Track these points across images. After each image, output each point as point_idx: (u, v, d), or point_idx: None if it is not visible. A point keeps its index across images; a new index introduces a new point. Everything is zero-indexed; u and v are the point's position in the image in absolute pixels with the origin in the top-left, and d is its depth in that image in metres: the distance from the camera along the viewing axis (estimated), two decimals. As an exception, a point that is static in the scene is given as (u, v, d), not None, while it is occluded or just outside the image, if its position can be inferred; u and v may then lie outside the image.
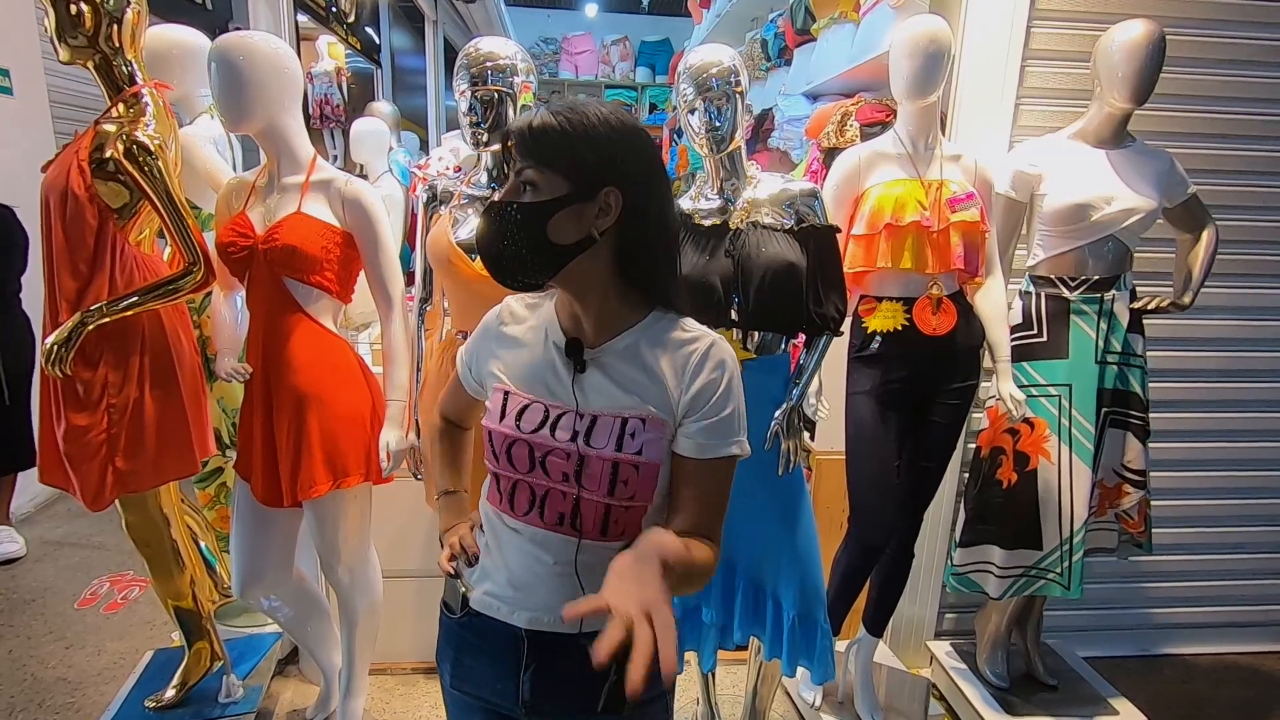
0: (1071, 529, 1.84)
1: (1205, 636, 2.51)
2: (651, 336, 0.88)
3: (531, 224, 0.81)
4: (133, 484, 1.59)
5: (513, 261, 0.84)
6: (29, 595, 2.63)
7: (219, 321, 1.75)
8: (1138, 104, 1.72)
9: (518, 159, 0.82)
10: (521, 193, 0.82)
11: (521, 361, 0.91)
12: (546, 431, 0.87)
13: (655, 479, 0.87)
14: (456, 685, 0.98)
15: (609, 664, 0.87)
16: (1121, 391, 1.87)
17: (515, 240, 0.82)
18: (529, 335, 0.92)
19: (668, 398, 0.86)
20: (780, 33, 3.22)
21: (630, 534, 0.89)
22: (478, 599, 0.94)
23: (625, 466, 0.85)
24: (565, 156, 0.80)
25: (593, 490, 0.86)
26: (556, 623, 0.89)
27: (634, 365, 0.87)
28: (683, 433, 0.87)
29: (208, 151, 1.93)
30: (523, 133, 0.82)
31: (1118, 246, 1.80)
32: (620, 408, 0.86)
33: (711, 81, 1.43)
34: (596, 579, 0.86)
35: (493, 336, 0.95)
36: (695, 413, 0.86)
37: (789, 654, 1.57)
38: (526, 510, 0.89)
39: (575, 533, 0.88)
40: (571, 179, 0.81)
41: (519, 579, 0.91)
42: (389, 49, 5.88)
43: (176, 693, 1.83)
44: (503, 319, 0.96)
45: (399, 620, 2.12)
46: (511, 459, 0.89)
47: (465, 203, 1.59)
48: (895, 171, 1.70)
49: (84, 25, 1.47)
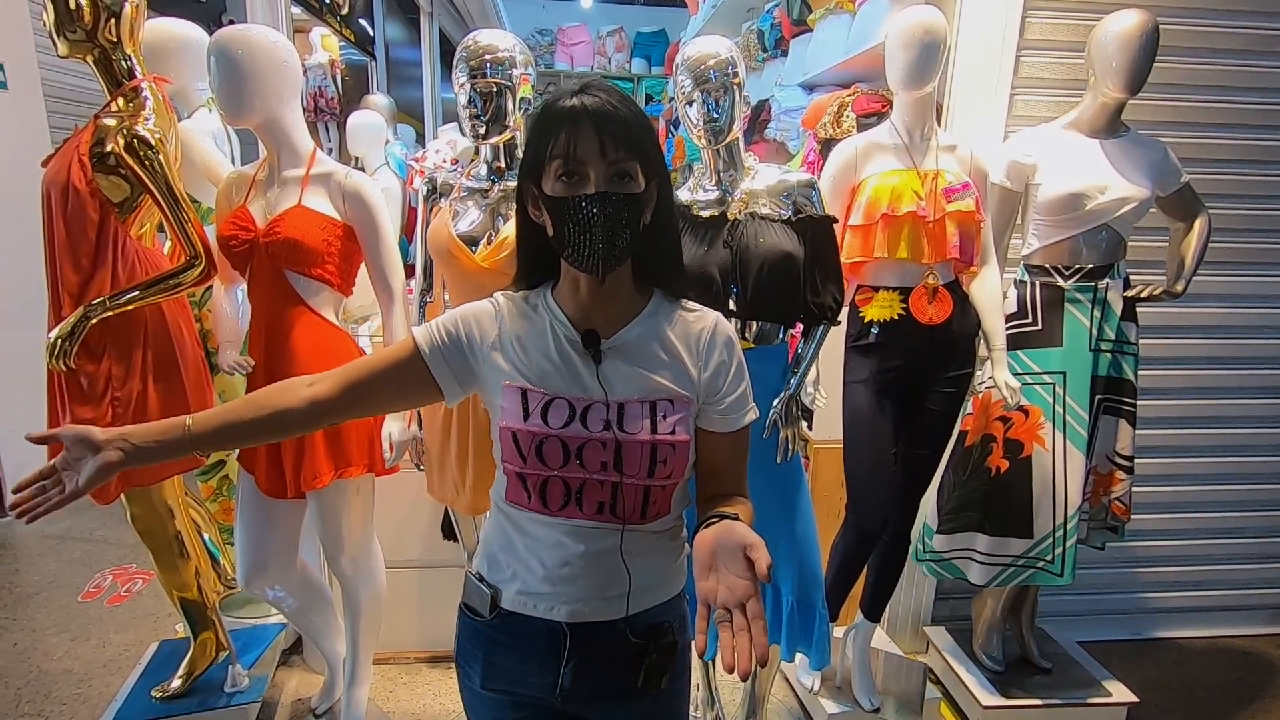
0: (1065, 515, 1.87)
1: (1197, 620, 2.55)
2: (660, 320, 0.92)
3: (634, 213, 0.84)
4: (138, 478, 1.60)
5: (621, 252, 0.85)
6: (33, 589, 2.64)
7: (220, 315, 1.75)
8: (1131, 94, 1.74)
9: (612, 149, 0.81)
10: (623, 183, 0.83)
11: (534, 358, 0.90)
12: (578, 424, 0.87)
13: (689, 454, 0.90)
14: (489, 684, 0.97)
15: (647, 644, 0.92)
16: (1115, 379, 1.89)
17: (625, 230, 0.84)
18: (533, 331, 0.91)
19: (687, 376, 0.90)
20: (776, 23, 3.22)
21: (663, 511, 0.92)
22: (511, 599, 0.93)
23: (663, 446, 0.87)
24: (650, 148, 0.85)
25: (633, 474, 0.87)
26: (599, 611, 0.91)
27: (651, 349, 0.90)
28: (711, 412, 0.92)
29: (206, 145, 1.94)
30: (618, 124, 0.81)
31: (1111, 235, 1.82)
32: (646, 391, 0.88)
33: (709, 73, 1.44)
34: (638, 562, 0.91)
35: (493, 328, 0.91)
36: (717, 392, 0.91)
37: (788, 640, 1.60)
38: (563, 504, 0.89)
39: (615, 519, 0.89)
40: (647, 170, 0.85)
41: (556, 574, 0.91)
42: (383, 41, 5.84)
43: (182, 683, 1.85)
44: (503, 309, 0.92)
45: (402, 610, 2.15)
46: (543, 456, 0.87)
47: (465, 195, 1.60)
48: (891, 162, 1.72)
49: (83, 20, 1.47)
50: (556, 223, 0.84)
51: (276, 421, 0.90)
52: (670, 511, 0.94)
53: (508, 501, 0.93)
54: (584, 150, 0.81)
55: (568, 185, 0.82)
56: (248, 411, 0.91)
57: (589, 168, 0.82)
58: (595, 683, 0.94)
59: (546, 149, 0.82)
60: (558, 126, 0.81)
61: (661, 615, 0.95)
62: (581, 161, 0.81)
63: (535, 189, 0.86)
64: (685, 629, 1.00)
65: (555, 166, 0.82)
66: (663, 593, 0.96)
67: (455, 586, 1.03)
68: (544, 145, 0.83)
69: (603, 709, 0.97)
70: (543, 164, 0.84)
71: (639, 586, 0.92)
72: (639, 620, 0.93)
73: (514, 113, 1.53)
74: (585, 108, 0.81)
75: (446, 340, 0.90)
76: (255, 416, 0.90)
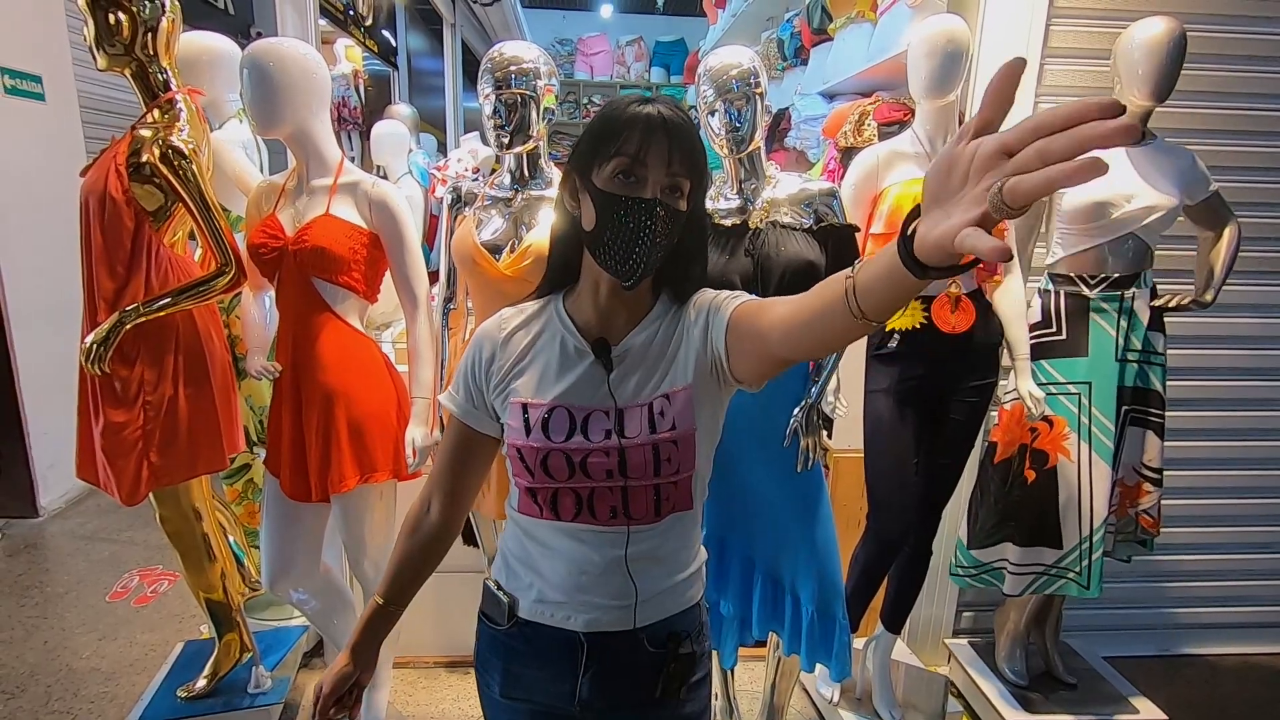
0: (1091, 527, 1.84)
1: (1227, 637, 2.49)
2: (665, 320, 0.91)
3: (675, 226, 0.85)
4: (167, 478, 1.64)
5: (655, 259, 0.85)
6: (62, 589, 2.70)
7: (249, 321, 1.78)
8: (1158, 101, 1.72)
9: (676, 165, 0.82)
10: (676, 196, 0.84)
11: (538, 369, 0.90)
12: (580, 436, 0.87)
13: (694, 444, 0.88)
14: (508, 693, 0.97)
15: (665, 653, 0.91)
16: (1142, 389, 1.86)
17: (665, 238, 0.84)
18: (542, 341, 0.91)
19: (686, 358, 0.88)
20: (796, 32, 3.23)
21: (680, 506, 0.90)
22: (528, 608, 0.93)
23: (665, 445, 0.86)
24: (701, 171, 0.85)
25: (639, 477, 0.87)
26: (615, 620, 0.91)
27: (657, 350, 0.89)
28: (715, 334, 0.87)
29: (237, 155, 1.98)
30: (686, 144, 0.82)
31: (1138, 244, 1.80)
32: (645, 395, 0.88)
33: (732, 83, 1.45)
34: (646, 570, 0.90)
35: (496, 351, 0.92)
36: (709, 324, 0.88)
37: (807, 650, 1.59)
38: (574, 514, 0.89)
39: (628, 521, 0.89)
40: (693, 192, 0.86)
41: (571, 583, 0.91)
42: (405, 51, 5.94)
43: (207, 683, 1.88)
44: (507, 328, 0.93)
45: (421, 615, 2.16)
46: (549, 470, 0.87)
47: (488, 204, 1.62)
48: (914, 170, 1.71)
49: (122, 34, 1.51)
50: (602, 217, 0.83)
51: (434, 551, 1.01)
52: (690, 506, 0.92)
53: (521, 512, 0.93)
54: (653, 157, 0.81)
55: (624, 185, 0.82)
56: (415, 560, 1.01)
57: (650, 173, 0.82)
58: (613, 693, 0.93)
59: (612, 146, 0.81)
60: (630, 127, 0.81)
61: (678, 624, 0.94)
62: (646, 166, 0.81)
63: (581, 179, 0.86)
64: (704, 638, 0.99)
65: (616, 164, 0.82)
66: (676, 601, 0.95)
67: (475, 592, 1.03)
68: (609, 142, 0.82)
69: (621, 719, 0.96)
70: (599, 159, 0.83)
71: (649, 594, 0.91)
72: (655, 629, 0.93)
73: (538, 123, 1.55)
74: (662, 117, 0.81)
75: (469, 395, 0.94)
76: (424, 560, 1.01)
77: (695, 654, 0.95)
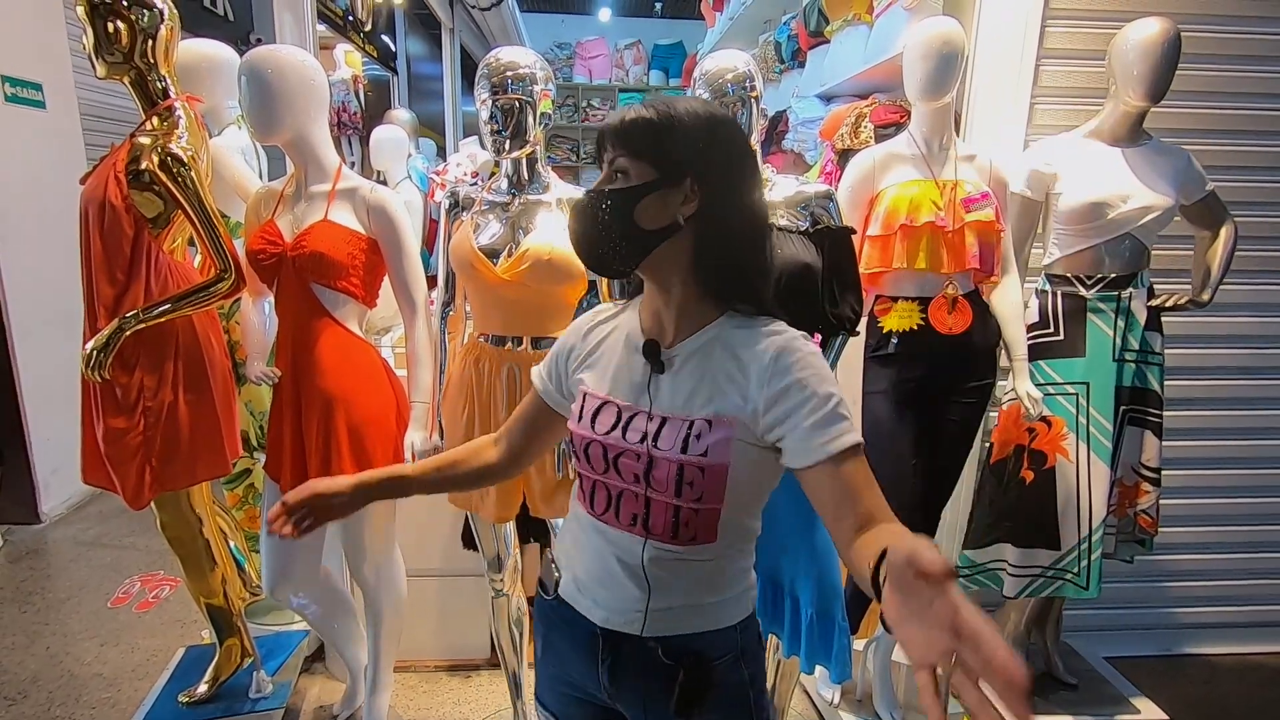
0: (1090, 528, 1.84)
1: (1228, 636, 2.49)
2: (726, 335, 0.87)
3: (621, 209, 0.84)
4: (169, 483, 1.64)
5: (604, 246, 0.86)
6: (64, 594, 2.70)
7: (248, 326, 1.79)
8: (1153, 102, 1.72)
9: (610, 149, 0.85)
10: (613, 180, 0.85)
11: (603, 363, 0.94)
12: (618, 433, 0.88)
13: (723, 481, 0.84)
14: (545, 660, 1.02)
15: (677, 669, 0.89)
16: (1140, 389, 1.87)
17: (607, 225, 0.85)
18: (613, 337, 0.95)
19: (741, 397, 0.84)
20: (794, 35, 3.23)
21: (702, 538, 0.87)
22: (564, 588, 0.97)
23: (690, 468, 0.84)
24: (653, 144, 0.83)
25: (661, 492, 0.86)
26: (625, 623, 0.91)
27: (706, 365, 0.86)
28: (790, 442, 0.82)
29: (236, 161, 1.99)
30: (616, 125, 0.85)
31: (1134, 244, 1.80)
32: (689, 409, 0.85)
33: (727, 87, 1.46)
34: (664, 584, 0.89)
35: (577, 341, 0.98)
36: (785, 417, 0.82)
37: (807, 652, 1.59)
38: (604, 510, 0.91)
39: (646, 533, 0.89)
40: (659, 166, 0.83)
41: (595, 576, 0.93)
42: (405, 57, 5.96)
43: (209, 688, 1.88)
44: (594, 321, 0.98)
45: (422, 618, 2.16)
46: (589, 459, 0.91)
47: (486, 209, 1.62)
48: (910, 172, 1.72)
49: (120, 42, 1.52)
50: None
51: (476, 468, 1.05)
52: (714, 540, 0.88)
53: (575, 497, 0.98)
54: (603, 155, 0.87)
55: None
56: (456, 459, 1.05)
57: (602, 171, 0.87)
58: (632, 692, 0.95)
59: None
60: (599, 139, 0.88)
61: (701, 644, 0.91)
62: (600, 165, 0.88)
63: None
64: (742, 665, 0.94)
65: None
66: (702, 621, 0.91)
67: (475, 595, 1.05)
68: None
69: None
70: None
71: (661, 606, 0.90)
72: (673, 643, 0.91)
73: (534, 128, 1.55)
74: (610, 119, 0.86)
75: (553, 374, 1.00)
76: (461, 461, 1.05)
77: (718, 679, 0.91)
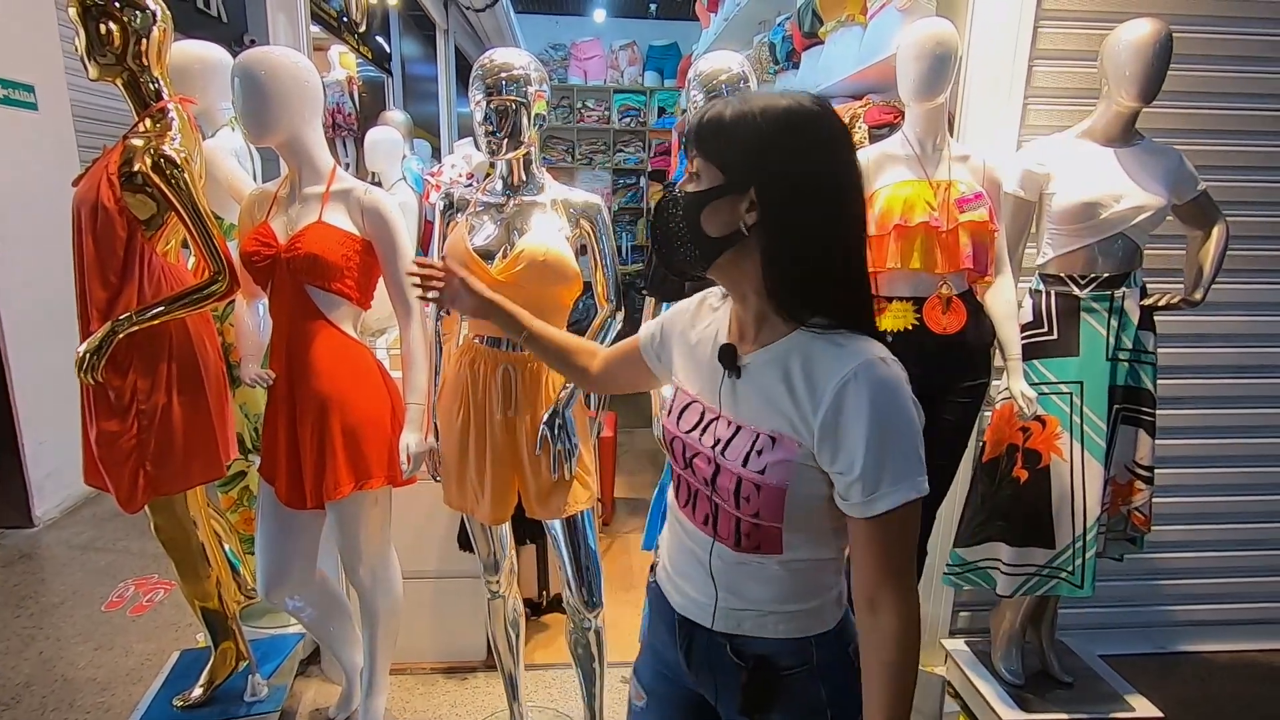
0: (1084, 526, 1.85)
1: (1223, 634, 2.50)
2: (800, 350, 0.83)
3: (689, 212, 0.83)
4: (163, 487, 1.63)
5: (672, 246, 0.86)
6: (57, 599, 2.69)
7: (242, 329, 1.79)
8: (1145, 102, 1.73)
9: (691, 147, 0.85)
10: (689, 181, 0.85)
11: (693, 358, 0.95)
12: (697, 434, 0.90)
13: (780, 502, 0.81)
14: (648, 637, 1.06)
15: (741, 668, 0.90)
16: (1133, 388, 1.87)
17: (676, 226, 0.85)
18: (706, 333, 0.95)
19: (803, 420, 0.80)
20: (788, 36, 3.24)
21: (766, 549, 0.86)
22: (659, 572, 1.02)
23: (747, 484, 0.82)
24: (722, 147, 0.81)
25: (725, 501, 0.86)
26: (698, 614, 0.94)
27: (779, 378, 0.83)
28: (839, 482, 0.80)
29: (229, 163, 1.98)
30: (695, 123, 0.84)
31: (1127, 244, 1.81)
32: (758, 422, 0.84)
33: (721, 88, 1.46)
34: (731, 586, 0.91)
35: (684, 323, 0.98)
36: (838, 451, 0.78)
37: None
38: (685, 503, 0.94)
39: (714, 534, 0.90)
40: (725, 171, 0.81)
41: (677, 565, 0.97)
42: (399, 58, 5.95)
43: (204, 692, 1.87)
44: (707, 302, 0.98)
45: (418, 620, 2.16)
46: (674, 452, 0.93)
47: (481, 210, 1.62)
48: (904, 173, 1.72)
49: (113, 44, 1.51)
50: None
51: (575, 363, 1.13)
52: (780, 552, 0.86)
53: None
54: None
55: None
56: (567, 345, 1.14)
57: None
58: (707, 681, 0.97)
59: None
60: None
61: (767, 650, 0.90)
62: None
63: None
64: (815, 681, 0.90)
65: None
66: (769, 628, 0.90)
67: (472, 597, 1.05)
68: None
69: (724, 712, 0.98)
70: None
71: (728, 606, 0.91)
72: (741, 643, 0.91)
73: (529, 129, 1.55)
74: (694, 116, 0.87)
75: (658, 336, 1.02)
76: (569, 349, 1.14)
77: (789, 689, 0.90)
